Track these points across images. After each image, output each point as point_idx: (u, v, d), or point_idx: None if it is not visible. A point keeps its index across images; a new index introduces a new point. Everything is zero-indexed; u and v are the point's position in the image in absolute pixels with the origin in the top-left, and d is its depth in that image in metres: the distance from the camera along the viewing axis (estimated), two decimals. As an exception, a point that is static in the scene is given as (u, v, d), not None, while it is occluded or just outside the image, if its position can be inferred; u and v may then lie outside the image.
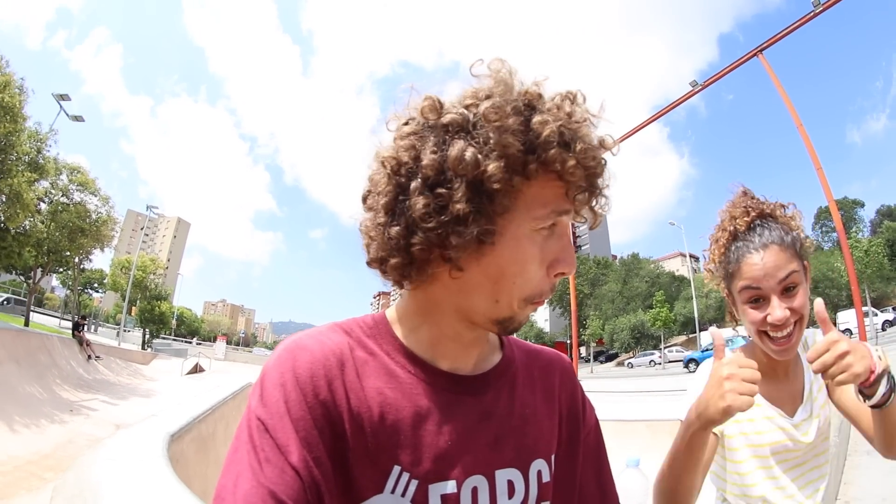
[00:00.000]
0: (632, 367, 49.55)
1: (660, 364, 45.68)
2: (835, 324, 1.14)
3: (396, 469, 0.68)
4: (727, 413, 1.01)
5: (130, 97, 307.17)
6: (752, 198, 1.35)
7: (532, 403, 0.84)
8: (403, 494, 0.68)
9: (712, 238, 1.39)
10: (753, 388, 1.00)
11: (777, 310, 1.21)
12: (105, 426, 10.27)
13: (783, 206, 1.34)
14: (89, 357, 18.13)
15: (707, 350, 43.56)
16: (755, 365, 1.02)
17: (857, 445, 4.77)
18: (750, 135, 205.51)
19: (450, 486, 0.70)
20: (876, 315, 34.71)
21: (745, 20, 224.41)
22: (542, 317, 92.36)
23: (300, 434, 0.63)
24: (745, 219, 1.31)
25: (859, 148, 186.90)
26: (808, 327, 1.31)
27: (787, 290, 1.22)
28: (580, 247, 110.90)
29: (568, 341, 63.68)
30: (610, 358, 64.08)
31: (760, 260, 1.24)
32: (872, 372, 1.04)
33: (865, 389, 1.08)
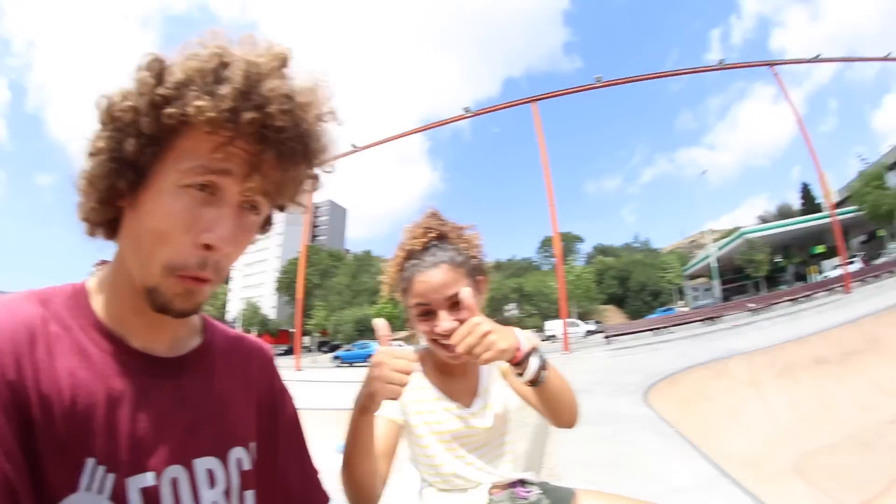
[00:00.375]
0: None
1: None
2: (542, 330, 1.07)
3: (90, 462, 0.61)
4: (372, 399, 1.02)
5: None
6: (438, 219, 1.42)
7: (230, 390, 0.82)
8: (100, 491, 0.61)
9: (393, 256, 1.44)
10: (402, 378, 0.99)
11: (444, 322, 1.29)
12: None
13: (461, 228, 1.43)
14: None
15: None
16: (412, 357, 1.03)
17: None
18: (502, 166, 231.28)
19: (149, 479, 0.65)
20: (579, 325, 43.14)
21: (534, 73, 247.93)
22: (268, 303, 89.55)
23: None
24: (423, 239, 1.37)
25: (591, 196, 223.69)
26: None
27: (455, 305, 1.29)
28: (316, 237, 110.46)
29: (291, 330, 63.40)
30: (333, 348, 65.00)
31: (429, 278, 1.31)
32: (519, 350, 1.17)
33: (518, 368, 1.20)
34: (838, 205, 33.18)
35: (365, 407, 1.04)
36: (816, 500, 4.33)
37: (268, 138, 0.64)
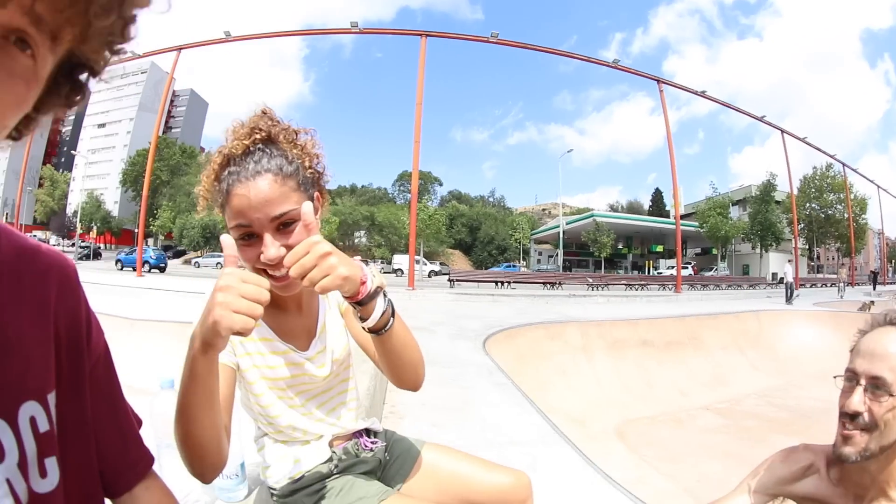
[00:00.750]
0: (199, 266, 48.31)
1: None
2: (390, 262, 1.00)
3: None
4: (215, 331, 0.82)
5: None
6: (269, 119, 1.18)
7: (16, 324, 0.60)
8: None
9: (209, 162, 1.20)
10: (254, 307, 0.82)
11: (270, 248, 1.07)
12: None
13: (297, 131, 1.20)
14: None
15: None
16: (266, 284, 0.85)
17: None
18: (377, 93, 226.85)
19: None
20: (426, 265, 45.05)
21: (433, 10, 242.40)
22: (112, 198, 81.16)
23: None
24: (245, 142, 1.13)
25: (456, 143, 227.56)
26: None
27: (283, 227, 1.09)
28: (171, 128, 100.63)
29: (135, 230, 58.39)
30: (178, 254, 61.11)
31: (249, 192, 1.07)
32: (363, 283, 1.01)
33: (360, 309, 1.04)
34: (684, 217, 38.68)
35: (207, 343, 0.85)
36: (635, 462, 4.94)
37: None
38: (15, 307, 0.61)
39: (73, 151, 78.76)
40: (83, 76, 0.54)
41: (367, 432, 1.37)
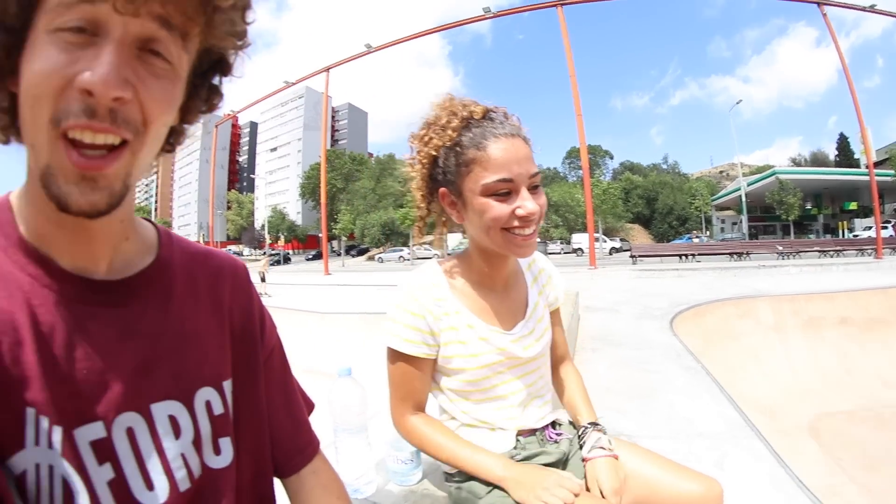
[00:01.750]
0: (382, 261, 51.41)
1: (409, 260, 47.80)
2: (569, 242, 1.07)
3: (31, 412, 0.51)
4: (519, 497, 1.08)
5: None
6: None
7: (194, 319, 0.69)
8: (50, 446, 0.52)
9: (426, 130, 1.20)
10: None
11: (528, 201, 1.09)
12: None
13: (505, 112, 1.22)
14: None
15: (458, 248, 47.80)
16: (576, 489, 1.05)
17: (585, 343, 5.25)
18: (528, 74, 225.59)
19: (98, 429, 0.55)
20: (605, 242, 43.05)
21: None
22: (294, 209, 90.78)
23: None
24: (479, 107, 1.17)
25: (618, 113, 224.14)
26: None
27: (533, 189, 1.12)
28: (337, 141, 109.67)
29: (319, 235, 63.89)
30: (361, 252, 66.04)
31: (512, 146, 1.10)
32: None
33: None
34: (877, 164, 31.70)
35: (501, 484, 1.13)
36: (828, 467, 4.29)
37: None
38: (192, 304, 0.70)
39: (252, 175, 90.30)
40: (216, 80, 0.66)
41: (553, 424, 1.33)
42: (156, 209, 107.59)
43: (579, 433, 1.31)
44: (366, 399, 1.40)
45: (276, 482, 0.82)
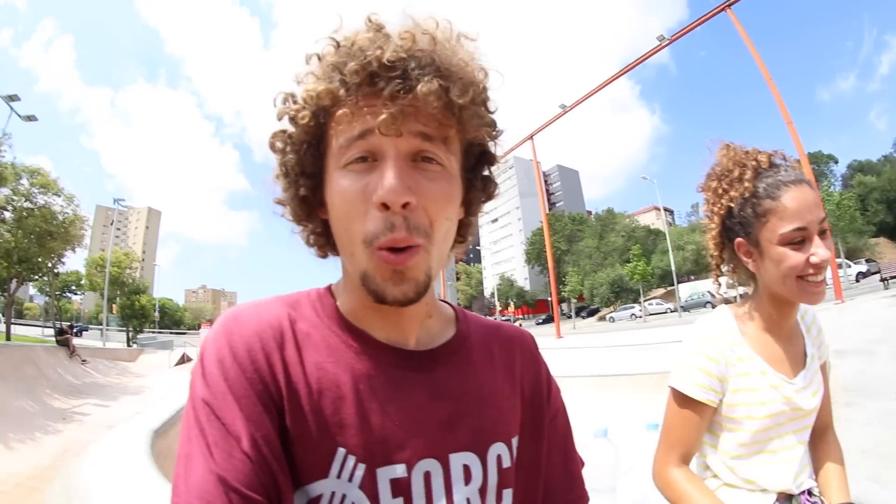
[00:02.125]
0: (613, 321, 49.76)
1: (640, 317, 45.73)
2: None
3: (341, 452, 0.63)
4: None
5: (88, 89, 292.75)
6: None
7: (490, 383, 0.78)
8: (350, 479, 0.63)
9: (718, 182, 1.26)
10: None
11: (823, 249, 1.11)
12: (98, 430, 10.15)
13: (784, 155, 1.25)
14: (83, 361, 18.22)
15: (690, 300, 44.28)
16: None
17: (837, 397, 4.37)
18: (721, 91, 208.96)
19: (399, 471, 0.65)
20: (850, 267, 34.95)
21: None
22: (521, 275, 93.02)
23: (245, 412, 0.60)
24: (763, 154, 1.21)
25: (828, 106, 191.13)
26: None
27: (822, 234, 1.14)
28: (554, 204, 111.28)
29: (549, 298, 63.82)
30: (591, 313, 64.30)
31: (802, 194, 1.13)
32: None
33: None
34: None
35: None
36: None
37: (380, 77, 0.61)
38: (489, 370, 0.78)
39: (477, 247, 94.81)
40: (486, 171, 0.76)
41: (809, 491, 1.25)
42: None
43: None
44: (619, 459, 1.42)
45: None
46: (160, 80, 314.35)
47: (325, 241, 0.73)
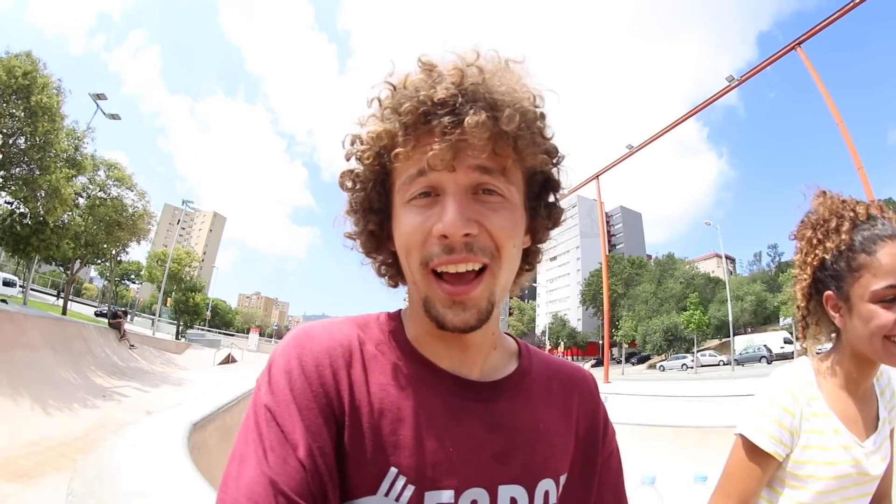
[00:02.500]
0: (664, 370, 48.63)
1: (692, 368, 44.51)
2: None
3: (393, 471, 0.65)
4: None
5: (170, 97, 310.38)
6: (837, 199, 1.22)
7: (546, 419, 0.79)
8: (398, 499, 0.64)
9: (813, 231, 1.23)
10: None
11: None
12: (135, 412, 10.49)
13: (880, 205, 1.20)
14: (132, 346, 18.94)
15: (744, 353, 42.62)
16: None
17: None
18: (790, 135, 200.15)
19: (446, 496, 0.66)
20: None
21: (783, 18, 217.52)
22: (574, 316, 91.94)
23: (305, 422, 0.62)
24: (861, 206, 1.17)
25: None
26: None
27: None
28: (614, 245, 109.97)
29: (600, 342, 63.11)
30: (642, 360, 63.11)
31: None
32: None
33: None
34: None
35: None
36: None
37: (433, 114, 0.64)
38: (546, 406, 0.79)
39: (534, 284, 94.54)
40: (551, 198, 0.78)
41: None
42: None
43: None
44: None
45: None
46: (239, 94, 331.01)
47: (395, 272, 0.78)
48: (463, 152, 0.63)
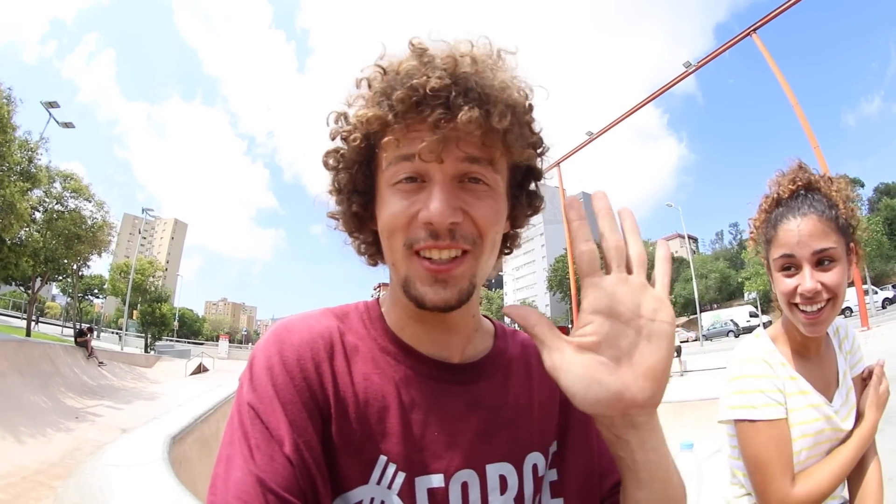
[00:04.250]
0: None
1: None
2: None
3: (382, 459, 0.67)
4: None
5: (126, 103, 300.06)
6: (805, 169, 1.30)
7: (527, 394, 0.80)
8: (390, 486, 0.66)
9: (758, 208, 1.34)
10: None
11: (808, 280, 1.16)
12: (111, 431, 10.22)
13: (831, 179, 1.27)
14: (100, 363, 18.41)
15: (712, 329, 43.65)
16: None
17: None
18: (749, 118, 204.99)
19: (436, 480, 0.68)
20: (876, 293, 35.44)
21: (739, 10, 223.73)
22: (542, 302, 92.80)
23: (290, 417, 0.62)
24: (790, 186, 1.26)
25: (853, 130, 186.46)
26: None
27: (820, 263, 1.17)
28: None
29: (570, 326, 63.55)
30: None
31: (796, 227, 1.19)
32: None
33: None
34: None
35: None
36: None
37: (425, 104, 0.64)
38: (526, 382, 0.81)
39: (500, 273, 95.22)
40: (532, 186, 0.79)
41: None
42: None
43: None
44: (702, 477, 1.39)
45: None
46: (196, 98, 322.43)
47: (375, 251, 0.78)
48: (452, 143, 0.64)
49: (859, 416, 1.28)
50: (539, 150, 0.76)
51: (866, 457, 1.26)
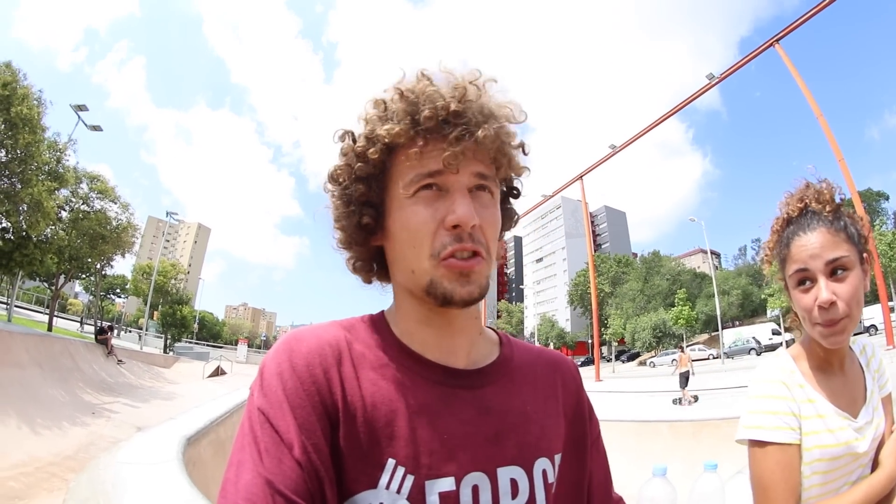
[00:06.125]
0: (654, 366, 48.43)
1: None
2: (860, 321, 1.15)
3: (391, 462, 0.67)
4: None
5: (155, 109, 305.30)
6: (812, 187, 1.28)
7: (534, 401, 0.82)
8: (399, 491, 0.66)
9: (771, 228, 1.34)
10: None
11: (823, 291, 1.14)
12: (126, 429, 10.33)
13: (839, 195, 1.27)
14: (119, 361, 18.67)
15: (734, 347, 42.89)
16: None
17: None
18: (773, 132, 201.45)
19: (448, 484, 0.68)
20: None
21: (762, 23, 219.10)
22: (563, 316, 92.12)
23: (299, 421, 0.64)
24: (799, 205, 1.26)
25: (878, 143, 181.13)
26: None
27: (834, 273, 1.15)
28: (600, 245, 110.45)
29: (590, 341, 63.23)
30: (632, 357, 63.02)
31: (808, 241, 1.19)
32: None
33: None
34: None
35: None
36: None
37: (449, 123, 0.71)
38: (531, 390, 0.84)
39: (521, 286, 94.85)
40: (509, 205, 0.87)
41: None
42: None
43: None
44: (724, 499, 1.35)
45: None
46: (224, 106, 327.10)
47: (370, 268, 0.83)
48: (469, 157, 0.71)
49: (875, 466, 1.23)
50: (524, 171, 0.83)
51: None
